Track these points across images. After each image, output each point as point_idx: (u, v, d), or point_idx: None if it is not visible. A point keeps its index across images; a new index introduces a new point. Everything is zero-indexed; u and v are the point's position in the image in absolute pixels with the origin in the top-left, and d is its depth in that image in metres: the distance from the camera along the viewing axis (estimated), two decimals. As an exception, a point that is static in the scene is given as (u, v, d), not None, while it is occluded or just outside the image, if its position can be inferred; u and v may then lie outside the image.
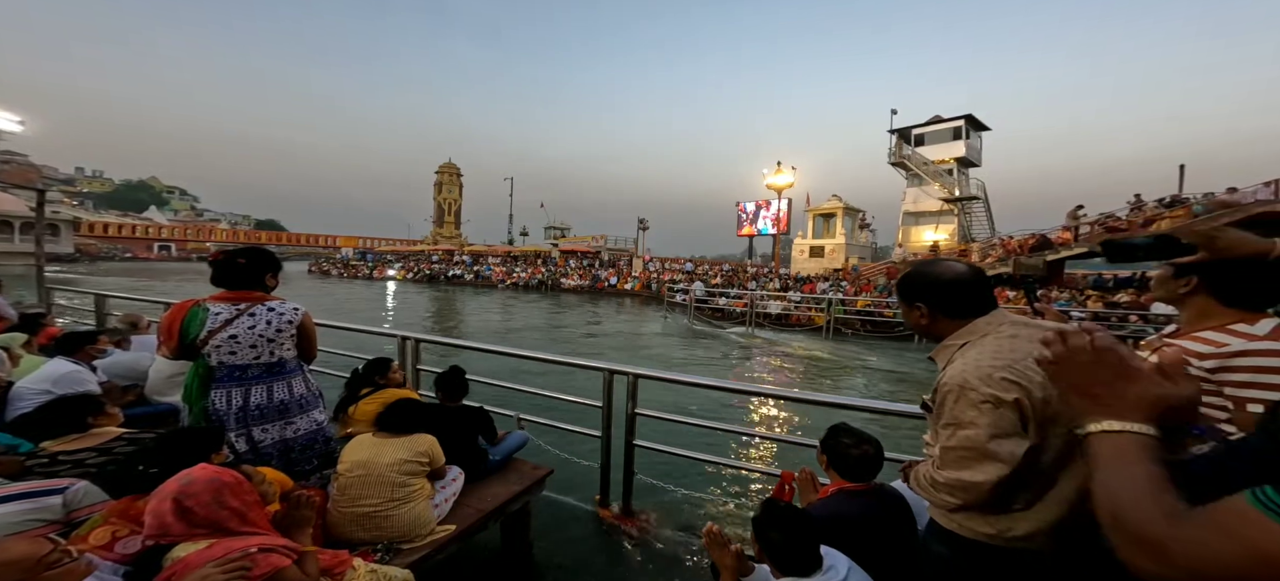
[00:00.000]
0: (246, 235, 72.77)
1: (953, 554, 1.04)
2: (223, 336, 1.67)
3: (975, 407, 0.94)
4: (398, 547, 1.60)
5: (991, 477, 0.93)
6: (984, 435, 0.93)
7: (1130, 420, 0.54)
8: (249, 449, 1.70)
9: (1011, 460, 0.91)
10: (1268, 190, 12.41)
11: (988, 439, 0.92)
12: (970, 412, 0.94)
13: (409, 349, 3.33)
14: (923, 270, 1.12)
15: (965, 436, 0.95)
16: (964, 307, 1.07)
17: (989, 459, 0.93)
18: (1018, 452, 0.91)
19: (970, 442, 0.94)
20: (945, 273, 1.09)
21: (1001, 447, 0.91)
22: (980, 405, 0.93)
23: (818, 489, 1.69)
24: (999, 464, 0.92)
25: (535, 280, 27.86)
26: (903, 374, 9.02)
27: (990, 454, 0.92)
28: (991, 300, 1.07)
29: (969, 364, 0.98)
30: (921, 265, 1.15)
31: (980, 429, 0.93)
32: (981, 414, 0.93)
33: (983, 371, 0.94)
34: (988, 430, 0.92)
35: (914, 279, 1.13)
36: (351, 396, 2.31)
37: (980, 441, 0.93)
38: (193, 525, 0.99)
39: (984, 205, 21.94)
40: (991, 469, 0.93)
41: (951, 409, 0.98)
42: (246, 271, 1.76)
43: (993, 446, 0.92)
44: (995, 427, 0.92)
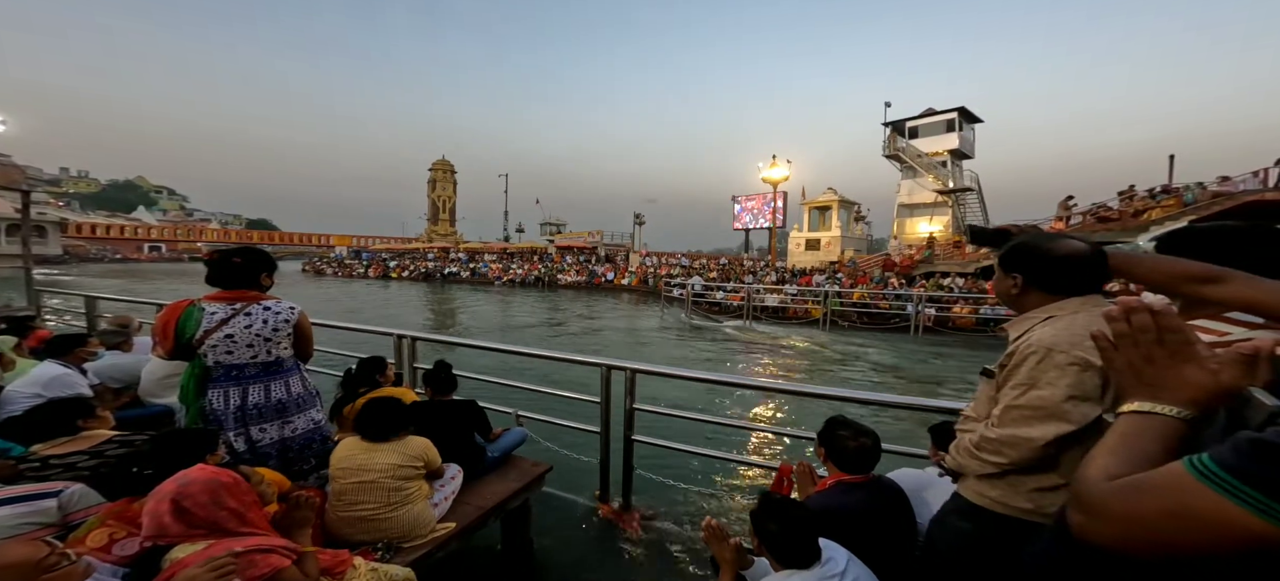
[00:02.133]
0: (238, 235, 72.03)
1: (977, 529, 1.04)
2: (219, 336, 1.66)
3: (1058, 368, 0.94)
4: (398, 546, 1.60)
5: (1049, 435, 0.93)
6: (1060, 394, 0.93)
7: (1170, 404, 0.53)
8: (247, 448, 1.69)
9: (1081, 421, 0.92)
10: (1256, 179, 12.56)
11: (1063, 398, 0.93)
12: (1051, 373, 0.94)
13: (406, 347, 3.31)
14: (1036, 241, 1.08)
15: (1037, 396, 0.96)
16: (1065, 284, 1.03)
17: (1055, 419, 0.93)
18: (1090, 416, 0.92)
19: (1041, 402, 0.95)
20: (1060, 248, 1.05)
21: (1075, 409, 0.92)
22: (1066, 367, 0.93)
23: (816, 481, 1.70)
24: (1063, 424, 0.93)
25: (532, 277, 27.79)
26: (899, 366, 9.09)
27: (1060, 414, 0.93)
28: (1096, 284, 1.03)
29: (1059, 330, 0.97)
30: (1038, 236, 1.11)
31: (1058, 389, 0.94)
32: (1064, 374, 0.93)
33: (1075, 336, 0.94)
34: (1066, 390, 0.93)
35: (1025, 248, 1.08)
36: (349, 395, 2.30)
37: (1053, 400, 0.94)
38: (191, 526, 0.99)
39: (978, 197, 22.05)
40: (1052, 428, 0.93)
41: (1030, 370, 0.97)
42: (242, 271, 1.74)
43: (1067, 406, 0.93)
44: (1075, 389, 0.93)
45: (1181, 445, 0.52)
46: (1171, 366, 0.55)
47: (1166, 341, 0.55)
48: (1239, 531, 0.41)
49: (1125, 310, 0.57)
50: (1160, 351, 0.55)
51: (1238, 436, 0.44)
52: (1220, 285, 0.88)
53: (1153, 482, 0.47)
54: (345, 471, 1.64)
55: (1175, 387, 0.54)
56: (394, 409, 1.77)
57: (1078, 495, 0.53)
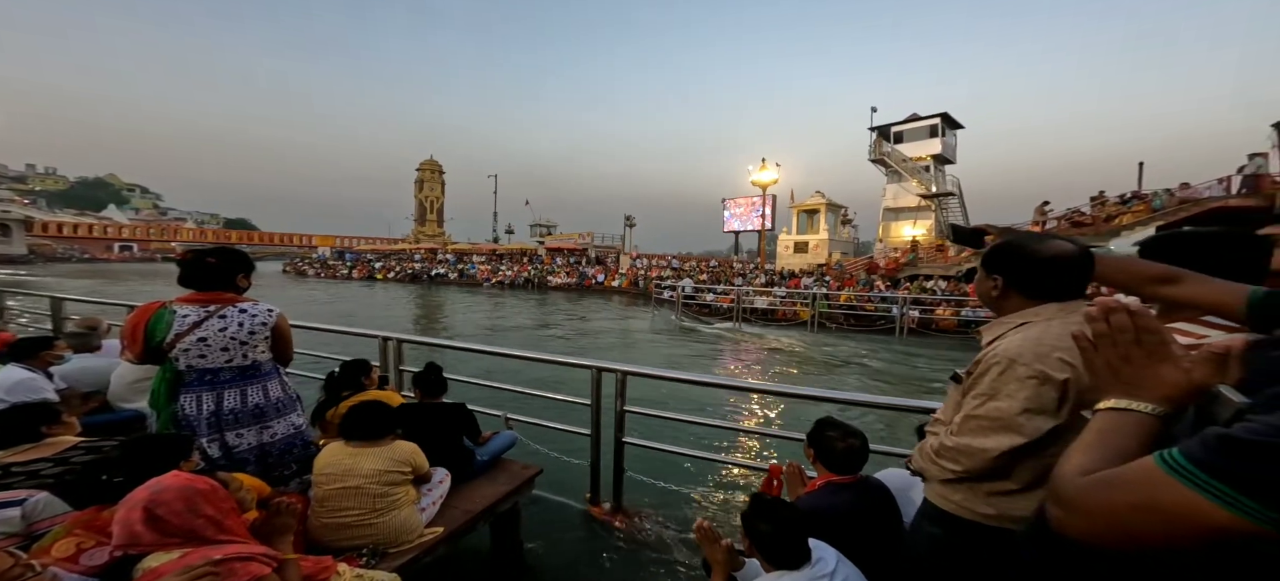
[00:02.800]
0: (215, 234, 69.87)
1: (946, 534, 1.05)
2: (191, 339, 1.60)
3: (1018, 381, 0.93)
4: (384, 551, 1.57)
5: (1002, 447, 0.94)
6: (1017, 407, 0.93)
7: (1146, 401, 0.55)
8: (223, 454, 1.64)
9: (1033, 434, 0.92)
10: (1220, 186, 13.14)
11: (1019, 411, 0.93)
12: (1011, 385, 0.94)
13: (391, 349, 3.25)
14: (1020, 241, 1.05)
15: (995, 407, 0.96)
16: (1046, 289, 1.01)
17: (1009, 431, 0.94)
18: (1043, 429, 0.92)
19: (997, 413, 0.95)
20: (1045, 250, 1.01)
21: (1029, 422, 0.92)
22: (1025, 380, 0.93)
23: (805, 482, 1.71)
24: (1016, 437, 0.93)
25: (522, 278, 27.57)
26: (885, 368, 9.25)
27: (1014, 426, 0.93)
28: (1079, 289, 1.00)
29: (1027, 340, 0.96)
30: (1023, 236, 1.08)
31: (1015, 401, 0.93)
32: (1023, 388, 0.93)
33: (1042, 348, 0.93)
34: (1022, 404, 0.93)
35: (1007, 248, 1.06)
36: (331, 399, 2.24)
37: (1010, 413, 0.94)
38: (165, 534, 0.95)
39: (959, 201, 22.62)
40: (1006, 439, 0.94)
41: (992, 380, 0.97)
42: (217, 271, 1.69)
43: (1021, 419, 0.93)
44: (1032, 402, 0.92)
45: (1155, 441, 0.53)
46: (1148, 365, 0.56)
47: (1143, 341, 0.57)
48: (1207, 523, 0.43)
49: (1104, 310, 0.59)
50: (1137, 351, 0.57)
51: (1207, 431, 0.46)
52: (1175, 285, 0.92)
53: (1125, 477, 0.49)
54: (329, 476, 1.60)
55: (1151, 386, 0.56)
56: (380, 412, 1.73)
57: (1055, 490, 0.54)
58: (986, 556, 0.99)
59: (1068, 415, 0.93)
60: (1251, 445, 0.42)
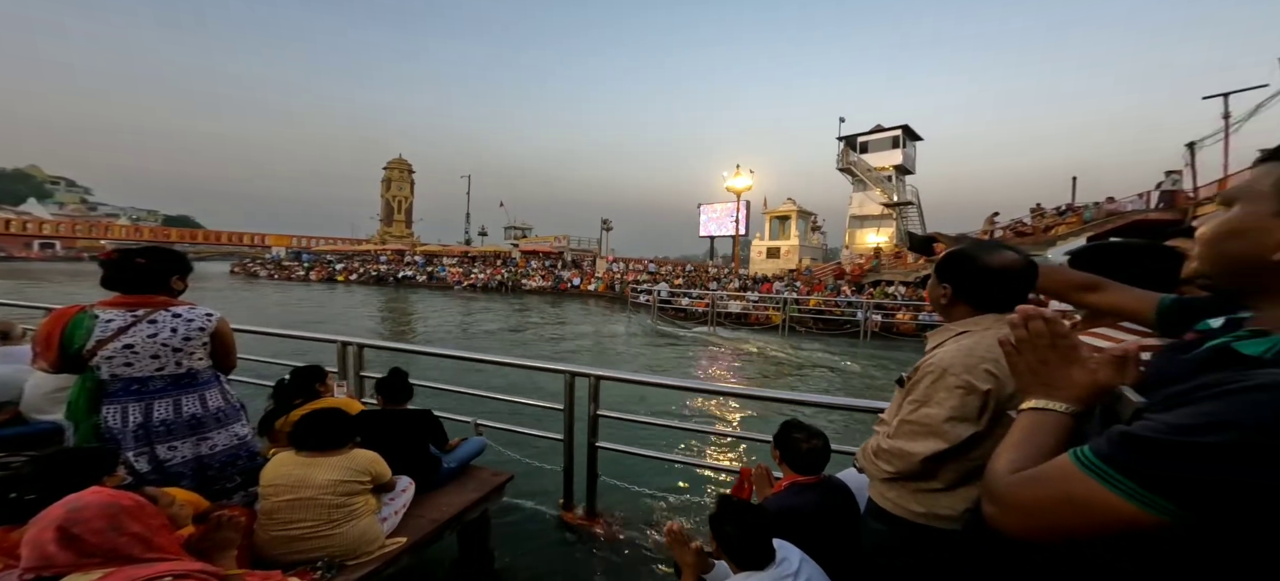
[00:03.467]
0: (152, 232, 64.14)
1: (890, 532, 1.11)
2: (116, 346, 1.47)
3: (946, 390, 0.99)
4: (341, 564, 1.48)
5: (928, 451, 1.00)
6: (943, 414, 0.98)
7: (1061, 401, 0.60)
8: (153, 468, 1.51)
9: (955, 440, 0.98)
10: (1141, 200, 14.51)
11: (945, 419, 0.98)
12: (940, 393, 1.00)
13: (351, 355, 3.10)
14: (970, 251, 1.08)
15: (925, 413, 1.01)
16: (987, 299, 1.05)
17: (935, 436, 1.00)
18: (964, 435, 0.98)
19: (926, 420, 1.01)
20: (992, 261, 1.04)
21: (953, 429, 0.98)
22: (953, 389, 0.98)
23: (773, 483, 1.75)
24: (940, 442, 0.99)
25: (495, 281, 26.95)
26: (852, 369, 9.62)
27: (940, 433, 0.99)
28: (1022, 300, 1.03)
29: (961, 350, 1.00)
30: (975, 246, 1.11)
31: (943, 409, 0.99)
32: (950, 396, 0.98)
33: (972, 359, 0.98)
34: (948, 412, 0.98)
35: (958, 257, 1.09)
36: (281, 408, 2.11)
37: (935, 420, 0.99)
38: (83, 554, 0.86)
39: (917, 210, 23.90)
40: (930, 445, 1.00)
41: (925, 388, 1.02)
42: (147, 273, 1.56)
43: (946, 427, 0.98)
44: (957, 411, 0.98)
45: (1070, 438, 0.58)
46: (1061, 368, 0.62)
47: (1057, 346, 0.62)
48: (1115, 515, 0.46)
49: (1024, 318, 0.64)
50: (1053, 355, 0.62)
51: (1111, 429, 0.50)
52: (1098, 293, 1.02)
53: (1046, 473, 0.52)
54: (276, 488, 1.50)
55: (1064, 386, 0.61)
56: (336, 420, 1.65)
57: (988, 488, 0.58)
58: (923, 553, 1.05)
59: (987, 423, 0.99)
60: (1149, 442, 0.46)
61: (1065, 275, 1.08)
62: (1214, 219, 0.58)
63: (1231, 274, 0.57)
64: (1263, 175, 0.53)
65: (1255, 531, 0.43)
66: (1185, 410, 0.46)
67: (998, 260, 1.05)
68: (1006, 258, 1.05)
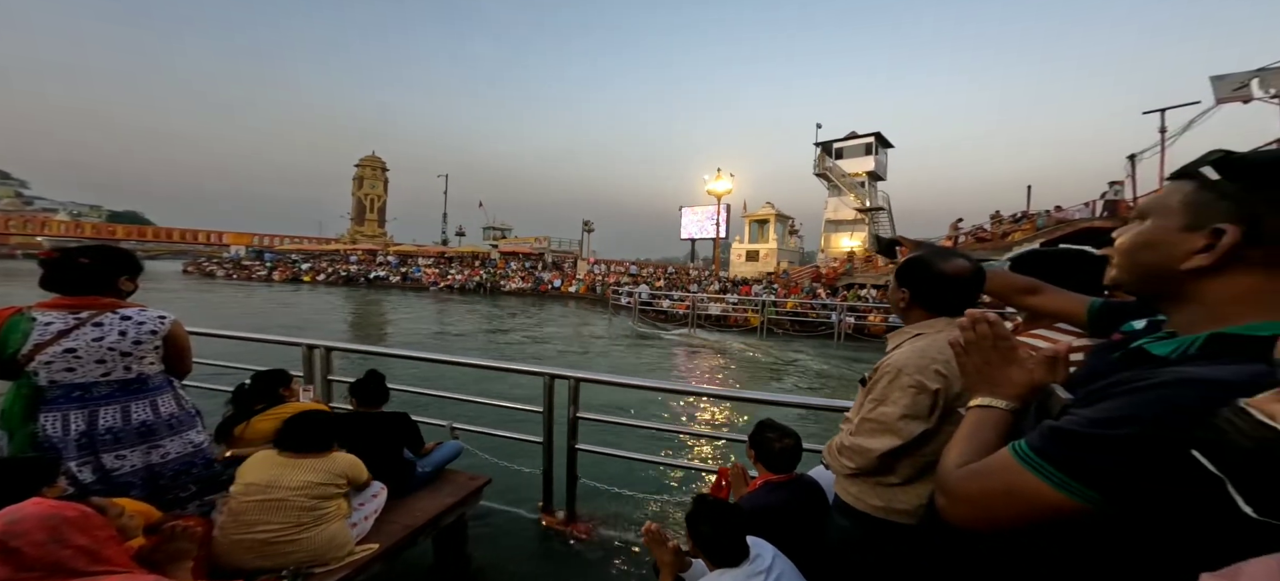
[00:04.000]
0: (94, 229, 59.27)
1: (853, 526, 1.16)
2: (55, 350, 1.38)
3: (901, 389, 1.05)
4: (308, 572, 1.43)
5: (884, 447, 1.06)
6: (897, 412, 1.04)
7: (1002, 398, 0.65)
8: (98, 478, 1.42)
9: (907, 437, 1.04)
10: (1087, 209, 15.55)
11: (898, 417, 1.04)
12: (895, 393, 1.06)
13: (318, 358, 2.97)
14: (925, 258, 1.14)
15: (882, 412, 1.07)
16: (940, 304, 1.11)
17: (890, 433, 1.06)
18: (915, 432, 1.04)
19: (883, 418, 1.07)
20: (944, 267, 1.10)
21: (906, 426, 1.04)
22: (907, 388, 1.04)
23: (748, 482, 1.79)
24: (895, 439, 1.05)
25: (473, 283, 26.41)
26: (826, 370, 9.89)
27: (894, 429, 1.05)
28: (971, 303, 1.09)
29: (914, 351, 1.07)
30: (931, 253, 1.16)
31: (897, 407, 1.05)
32: (903, 395, 1.04)
33: (924, 360, 1.04)
34: (902, 409, 1.04)
35: (914, 263, 1.15)
36: (241, 413, 2.01)
37: (891, 418, 1.06)
38: (21, 569, 0.80)
39: (888, 215, 24.84)
40: (887, 441, 1.06)
41: (882, 387, 1.08)
42: (92, 273, 1.47)
43: (900, 424, 1.04)
44: (909, 409, 1.04)
45: (1010, 433, 0.63)
46: (1002, 367, 0.67)
47: (999, 346, 0.68)
48: (1046, 503, 0.50)
49: (972, 321, 0.70)
50: (995, 355, 0.68)
51: (1043, 424, 0.55)
52: (1036, 296, 1.10)
53: (989, 467, 0.57)
54: (249, 487, 1.45)
55: (1005, 384, 0.66)
56: (322, 422, 1.61)
57: (939, 482, 0.63)
58: (883, 546, 1.11)
59: (937, 420, 1.06)
60: (1071, 435, 0.51)
61: (1008, 280, 1.16)
62: (1130, 230, 0.63)
63: (1144, 281, 0.62)
64: (1172, 191, 0.58)
65: (1165, 517, 0.47)
66: (1102, 405, 0.51)
67: (949, 267, 1.11)
68: (957, 264, 1.12)
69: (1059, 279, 1.12)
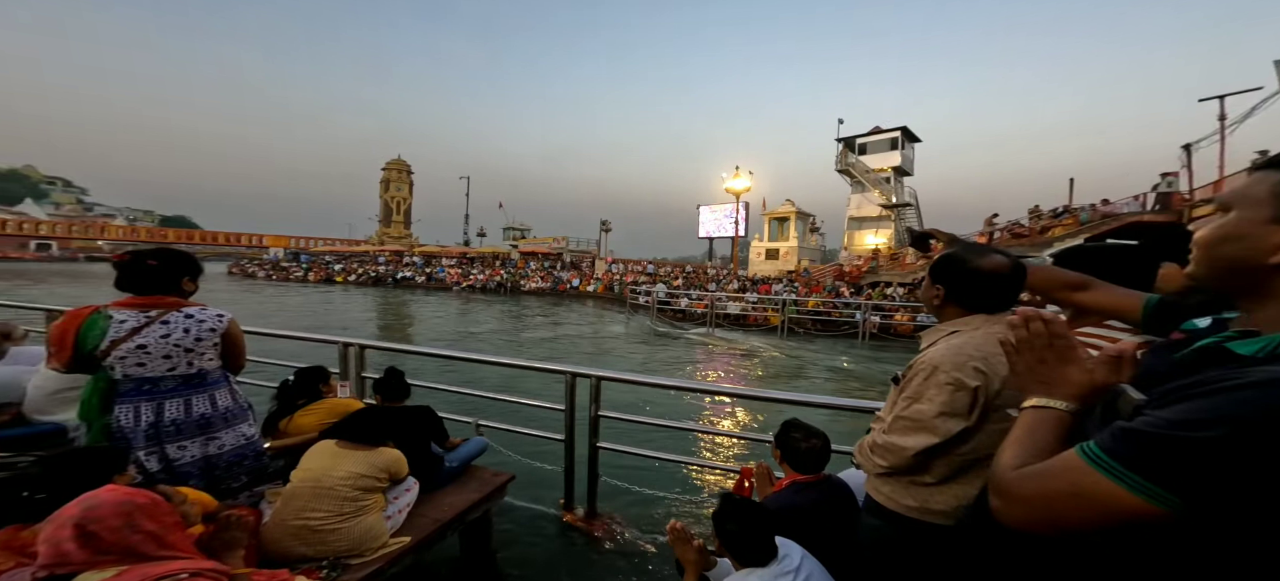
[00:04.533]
0: (148, 233, 63.78)
1: (885, 526, 1.13)
2: (129, 346, 1.49)
3: (937, 387, 1.02)
4: (345, 563, 1.50)
5: (919, 445, 1.03)
6: (934, 410, 1.02)
7: (1060, 399, 0.63)
8: (163, 468, 1.53)
9: (945, 435, 1.01)
10: (1136, 202, 14.60)
11: (934, 414, 1.02)
12: (931, 390, 1.03)
13: (352, 356, 3.11)
14: (961, 254, 1.12)
15: (917, 409, 1.04)
16: (979, 302, 1.08)
17: (926, 431, 1.03)
18: (954, 430, 1.01)
19: (918, 416, 1.04)
20: (983, 264, 1.07)
21: (943, 424, 1.01)
22: (943, 385, 1.01)
23: (773, 482, 1.77)
24: (931, 437, 1.02)
25: (494, 282, 26.95)
26: (850, 370, 9.65)
27: (930, 427, 1.02)
28: (1010, 302, 1.07)
29: (950, 348, 1.04)
30: (966, 249, 1.14)
31: (933, 405, 1.02)
32: (940, 392, 1.01)
33: (961, 357, 1.01)
34: (938, 407, 1.01)
35: (950, 260, 1.12)
36: (285, 408, 2.13)
37: (927, 415, 1.02)
38: (98, 552, 0.88)
39: (916, 212, 24.00)
40: (922, 439, 1.03)
41: (917, 385, 1.06)
42: (159, 274, 1.58)
43: (937, 421, 1.01)
44: (947, 407, 1.01)
45: (1069, 434, 0.61)
46: (1059, 367, 0.64)
47: (1055, 346, 0.65)
48: (1120, 507, 0.49)
49: (1023, 319, 0.67)
50: (1051, 354, 0.65)
51: (1115, 425, 0.53)
52: (1085, 292, 1.04)
53: (1052, 468, 0.55)
54: (306, 473, 1.54)
55: (1062, 385, 0.64)
56: (383, 416, 1.71)
57: (994, 482, 0.61)
58: (917, 546, 1.07)
59: (976, 418, 1.02)
60: (1150, 437, 0.49)
61: (1054, 274, 1.11)
62: (1211, 223, 0.60)
63: (1226, 276, 0.59)
64: (1259, 181, 0.55)
65: (1250, 522, 0.45)
66: (1182, 406, 0.49)
67: (986, 263, 1.08)
68: (995, 261, 1.09)
69: (1105, 276, 1.06)
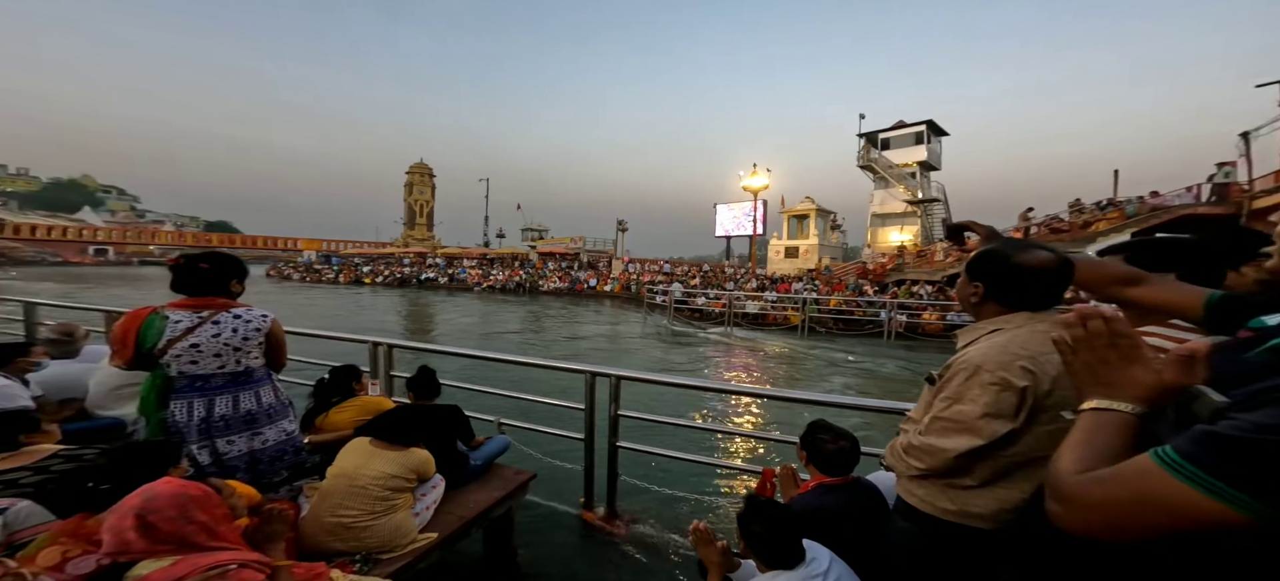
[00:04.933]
0: (195, 238, 68.06)
1: (918, 530, 1.09)
2: (184, 345, 1.59)
3: (981, 387, 0.97)
4: (377, 557, 1.55)
5: (961, 447, 0.99)
6: (977, 411, 0.97)
7: (1125, 401, 0.59)
8: (213, 461, 1.62)
9: (990, 437, 0.96)
10: (1189, 194, 13.66)
11: (979, 415, 0.97)
12: (974, 390, 0.98)
13: (381, 354, 3.22)
14: (1004, 250, 1.07)
15: (959, 410, 1.00)
16: (1022, 299, 1.03)
17: (969, 433, 0.98)
18: (999, 432, 0.96)
19: (960, 417, 0.99)
20: (1026, 261, 1.03)
21: (987, 425, 0.96)
22: (988, 385, 0.96)
23: (799, 484, 1.74)
24: (975, 439, 0.97)
25: (513, 283, 27.40)
26: (875, 370, 9.39)
27: (974, 429, 0.97)
28: (1055, 300, 1.03)
29: (994, 347, 0.99)
30: (1009, 244, 1.09)
31: (977, 405, 0.97)
32: (985, 393, 0.96)
33: (1006, 356, 0.96)
34: (983, 408, 0.96)
35: (991, 256, 1.07)
36: (321, 405, 2.22)
37: (970, 416, 0.98)
38: (156, 541, 0.94)
39: (944, 207, 23.13)
40: (965, 441, 0.98)
41: (958, 385, 1.01)
42: (210, 277, 1.68)
43: (981, 423, 0.97)
44: (992, 407, 0.96)
45: (1137, 438, 0.57)
46: (1122, 367, 0.61)
47: (1117, 345, 0.61)
48: (1197, 514, 0.47)
49: (1081, 317, 0.63)
50: (1112, 354, 0.61)
51: (1195, 429, 0.50)
52: (1139, 287, 0.97)
53: (1123, 473, 0.52)
54: (341, 472, 1.60)
55: (1126, 386, 0.60)
56: (412, 419, 1.77)
57: (1054, 487, 0.58)
58: (954, 551, 1.03)
59: (1023, 420, 0.97)
60: (1238, 441, 0.46)
61: (1105, 269, 1.04)
62: None
63: None
64: None
65: None
66: (1272, 409, 0.46)
67: (1030, 259, 1.04)
68: (1040, 257, 1.04)
69: (1156, 272, 0.99)
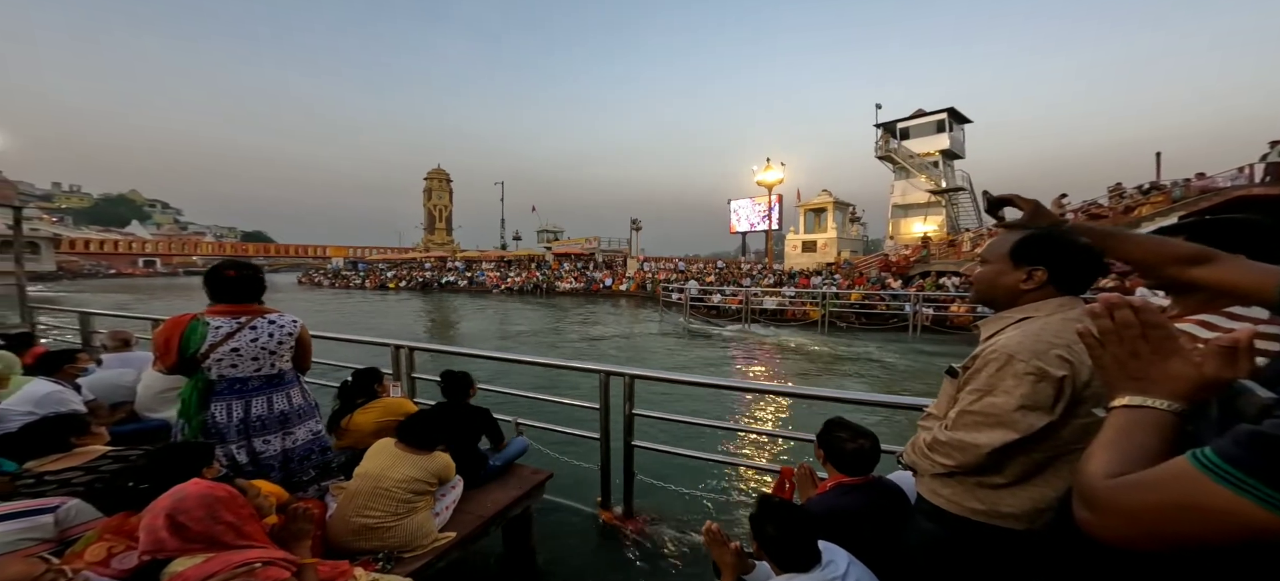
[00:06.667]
0: (233, 247, 71.89)
1: (942, 530, 1.04)
2: (224, 350, 1.67)
3: (1016, 377, 0.92)
4: (399, 556, 1.60)
5: (994, 443, 0.93)
6: (1013, 403, 0.91)
7: (1161, 397, 0.54)
8: (250, 460, 1.70)
9: (1026, 431, 0.91)
10: (1242, 175, 12.73)
11: (1015, 407, 0.91)
12: (1007, 381, 0.92)
13: (403, 357, 3.30)
14: (1061, 234, 1.00)
15: (990, 402, 0.94)
16: (1082, 282, 1.00)
17: (1003, 426, 0.93)
18: (1036, 425, 0.91)
19: (993, 409, 0.94)
20: (1083, 241, 0.99)
21: (1023, 418, 0.91)
22: (1023, 376, 0.91)
23: (816, 483, 1.70)
24: (1010, 432, 0.92)
25: (530, 284, 27.80)
26: (898, 365, 9.12)
27: (1009, 422, 0.92)
28: (1093, 284, 1.01)
29: (1026, 336, 0.94)
30: (1056, 229, 1.03)
31: (1012, 397, 0.91)
32: (1020, 384, 0.91)
33: (1041, 344, 0.91)
34: (1019, 400, 0.91)
35: (1051, 240, 1.00)
36: (346, 407, 2.29)
37: (1004, 409, 0.92)
38: (187, 540, 0.98)
39: (970, 196, 22.26)
40: (999, 435, 0.93)
41: (988, 376, 0.95)
42: (246, 285, 1.77)
43: (1016, 415, 0.91)
44: (1028, 399, 0.91)
45: (1176, 437, 0.52)
46: (1156, 360, 0.55)
47: (1150, 336, 0.56)
48: (1243, 522, 0.42)
49: (1108, 306, 0.58)
50: (1144, 346, 0.56)
51: (1238, 429, 0.44)
52: (1208, 267, 0.86)
53: (1159, 477, 0.48)
54: (366, 473, 1.66)
55: (1162, 381, 0.55)
56: (434, 424, 1.82)
57: (1084, 492, 0.53)
58: (982, 552, 0.98)
59: (1062, 413, 0.91)
60: None
61: (1166, 247, 0.92)
62: None
63: None
64: None
65: None
66: None
67: (1082, 240, 1.00)
68: (1082, 239, 0.99)
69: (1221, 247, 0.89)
